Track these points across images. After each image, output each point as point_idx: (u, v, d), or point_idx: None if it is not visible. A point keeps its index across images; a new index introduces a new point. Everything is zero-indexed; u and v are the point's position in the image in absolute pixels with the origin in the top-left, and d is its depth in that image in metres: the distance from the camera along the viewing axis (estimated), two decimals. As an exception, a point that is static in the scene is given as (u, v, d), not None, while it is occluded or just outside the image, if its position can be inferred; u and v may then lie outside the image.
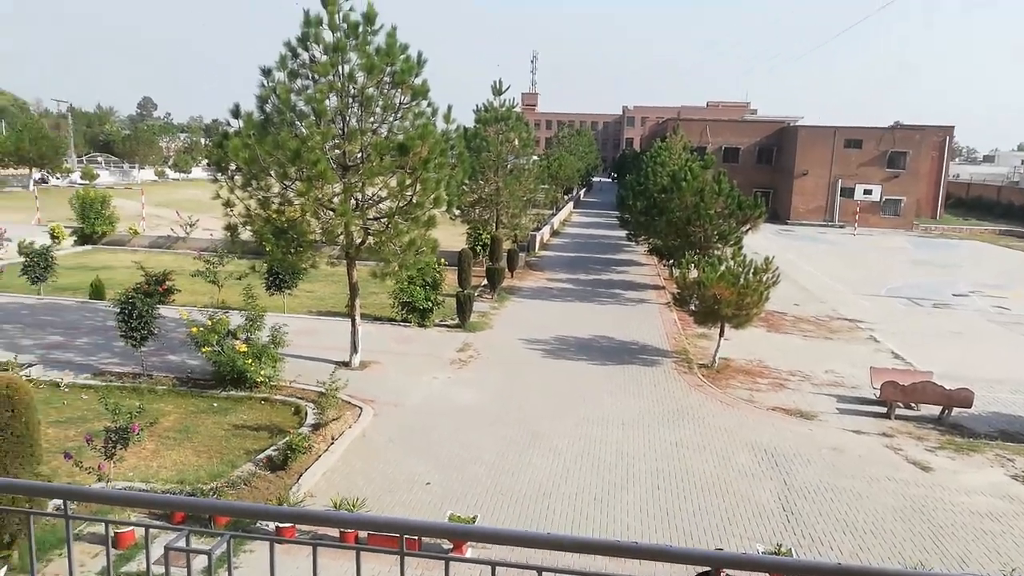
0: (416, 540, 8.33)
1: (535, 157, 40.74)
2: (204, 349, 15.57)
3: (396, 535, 2.55)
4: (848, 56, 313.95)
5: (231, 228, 16.56)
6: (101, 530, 9.73)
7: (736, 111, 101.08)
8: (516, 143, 33.53)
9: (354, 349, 17.70)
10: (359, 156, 16.21)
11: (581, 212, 66.79)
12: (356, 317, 17.73)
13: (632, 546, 2.31)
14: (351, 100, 15.86)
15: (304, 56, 15.69)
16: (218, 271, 22.59)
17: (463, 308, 22.04)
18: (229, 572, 5.38)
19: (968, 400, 15.58)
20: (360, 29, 15.61)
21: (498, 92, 32.34)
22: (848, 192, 59.02)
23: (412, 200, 16.30)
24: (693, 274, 19.17)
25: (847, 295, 30.39)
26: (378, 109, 16.17)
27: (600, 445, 13.81)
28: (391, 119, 16.41)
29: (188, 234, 34.06)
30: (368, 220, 16.76)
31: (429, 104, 16.55)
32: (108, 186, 56.03)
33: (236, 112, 15.93)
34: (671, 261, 29.62)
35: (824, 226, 59.07)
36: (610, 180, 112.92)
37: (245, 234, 16.74)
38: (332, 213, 16.17)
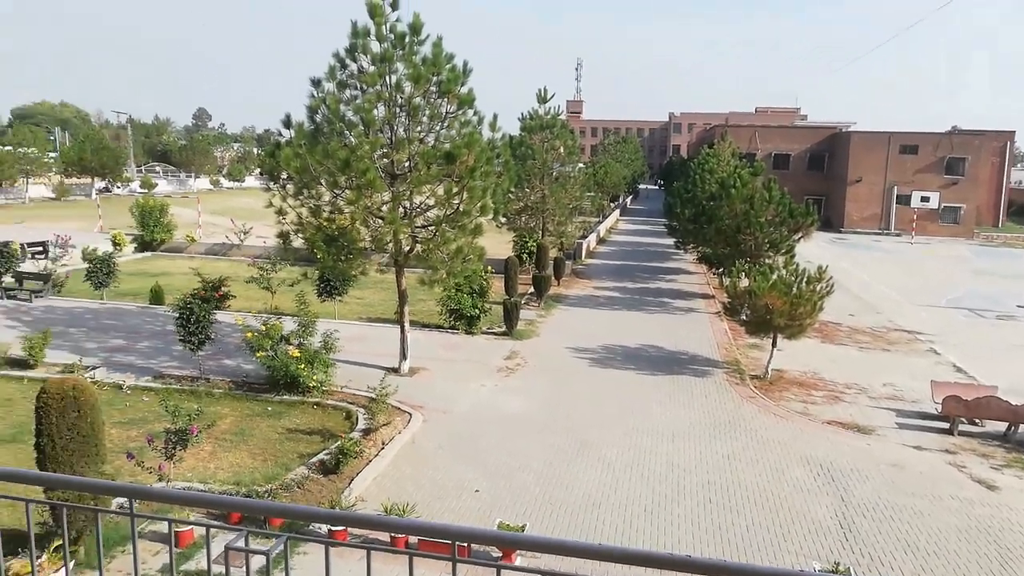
0: (466, 547, 8.34)
1: (581, 164, 40.64)
2: (258, 354, 15.90)
3: (448, 541, 2.55)
4: (903, 59, 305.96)
5: (283, 236, 16.91)
6: (160, 528, 9.98)
7: (786, 117, 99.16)
8: (561, 151, 33.55)
9: (403, 355, 17.86)
10: (407, 165, 16.40)
11: (628, 219, 66.35)
12: (405, 324, 17.90)
13: (685, 560, 2.25)
14: (398, 110, 16.07)
15: (352, 67, 15.95)
16: (271, 278, 23.10)
17: (510, 316, 22.06)
18: (286, 573, 5.46)
19: (1036, 416, 14.94)
20: (407, 39, 15.79)
21: (543, 100, 32.44)
22: (904, 199, 57.36)
23: (459, 208, 16.41)
24: (744, 283, 18.84)
25: (905, 305, 29.48)
26: (425, 118, 16.34)
27: (650, 456, 13.64)
28: (438, 128, 16.56)
29: (242, 241, 34.90)
30: (416, 228, 16.92)
31: (475, 113, 16.66)
32: (166, 195, 57.80)
33: (288, 122, 16.30)
34: (721, 269, 29.19)
35: (879, 234, 57.50)
36: (657, 187, 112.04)
37: (297, 242, 17.07)
38: (381, 221, 16.37)
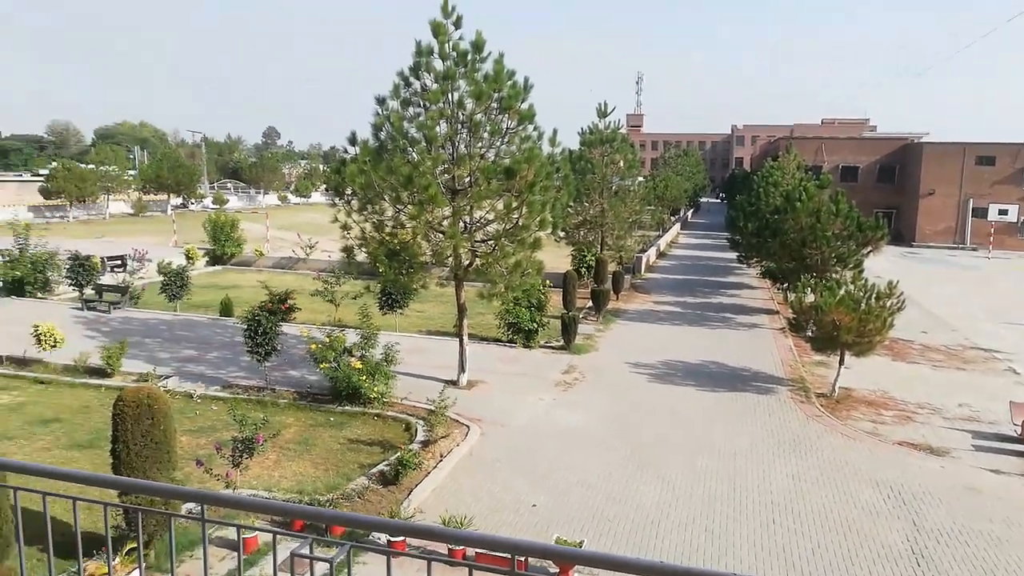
0: (523, 561, 8.34)
1: (641, 178, 40.39)
2: (322, 365, 16.28)
3: (508, 555, 2.57)
4: (974, 70, 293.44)
5: (348, 250, 17.33)
6: (224, 534, 10.29)
7: (854, 128, 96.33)
8: (621, 164, 33.40)
9: (462, 368, 18.02)
10: (467, 180, 16.61)
11: (688, 233, 65.47)
12: (464, 337, 18.07)
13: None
14: (460, 126, 16.31)
15: (416, 85, 16.29)
16: (335, 291, 23.70)
17: (568, 330, 22.01)
18: (348, 581, 5.53)
19: None
20: (469, 57, 16.06)
21: (603, 114, 32.41)
22: (980, 212, 55.01)
23: (518, 222, 16.52)
24: (809, 298, 18.37)
25: (982, 323, 28.18)
26: (486, 134, 16.53)
27: (711, 474, 13.38)
28: (498, 143, 16.73)
29: (308, 255, 35.86)
30: (476, 242, 17.11)
31: (535, 128, 16.78)
32: (236, 210, 59.88)
33: (353, 139, 16.76)
34: (785, 284, 28.51)
35: (954, 248, 55.22)
36: (719, 201, 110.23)
37: (360, 256, 17.47)
38: (442, 235, 16.61)
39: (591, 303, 27.37)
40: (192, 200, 74.27)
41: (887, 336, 17.95)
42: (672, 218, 62.75)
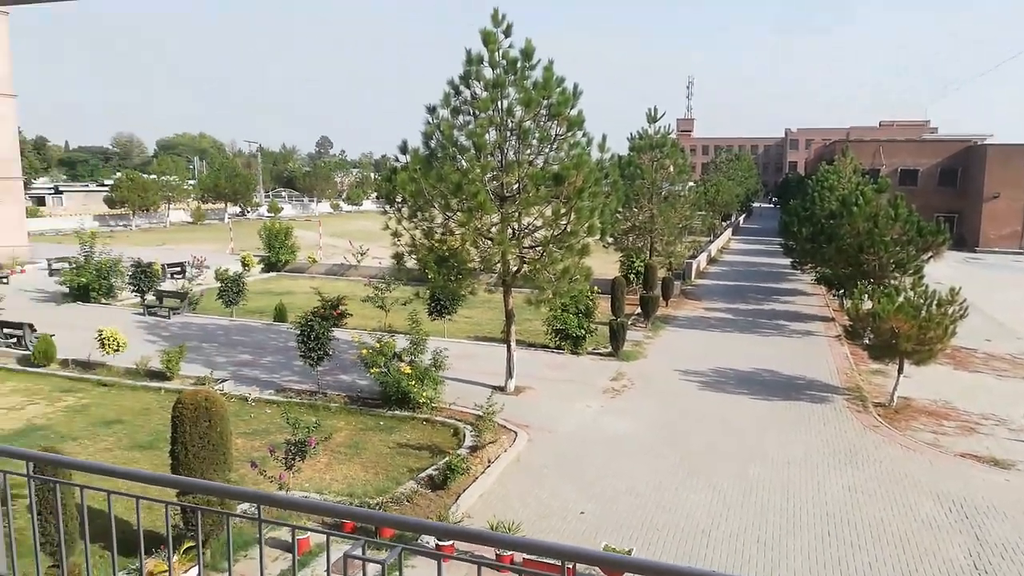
0: (572, 567, 8.31)
1: (691, 183, 39.90)
2: (372, 370, 16.53)
3: (557, 561, 2.58)
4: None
5: (398, 257, 17.58)
6: (278, 535, 10.52)
7: (913, 130, 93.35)
8: (671, 169, 33.07)
9: (509, 374, 18.07)
10: (516, 187, 16.68)
11: (740, 239, 64.38)
12: (512, 343, 18.12)
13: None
14: (509, 133, 16.40)
15: (466, 93, 16.45)
16: (385, 297, 24.05)
17: (616, 336, 21.87)
18: (397, 584, 5.60)
19: None
20: (518, 65, 16.14)
21: (653, 120, 32.14)
22: (1050, 216, 52.70)
23: (566, 229, 16.51)
24: (867, 305, 17.86)
25: (1051, 330, 26.99)
26: (534, 141, 16.58)
27: (763, 484, 13.11)
28: (547, 150, 16.76)
29: (359, 262, 36.47)
30: (524, 249, 17.16)
31: (584, 134, 16.76)
32: (290, 218, 61.28)
33: (404, 148, 17.00)
34: (841, 291, 27.81)
35: (1019, 253, 53.04)
36: (772, 205, 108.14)
37: (410, 262, 17.69)
38: (490, 242, 16.72)
39: (640, 309, 27.13)
40: (248, 208, 76.28)
41: (948, 344, 17.34)
42: (723, 223, 61.81)
